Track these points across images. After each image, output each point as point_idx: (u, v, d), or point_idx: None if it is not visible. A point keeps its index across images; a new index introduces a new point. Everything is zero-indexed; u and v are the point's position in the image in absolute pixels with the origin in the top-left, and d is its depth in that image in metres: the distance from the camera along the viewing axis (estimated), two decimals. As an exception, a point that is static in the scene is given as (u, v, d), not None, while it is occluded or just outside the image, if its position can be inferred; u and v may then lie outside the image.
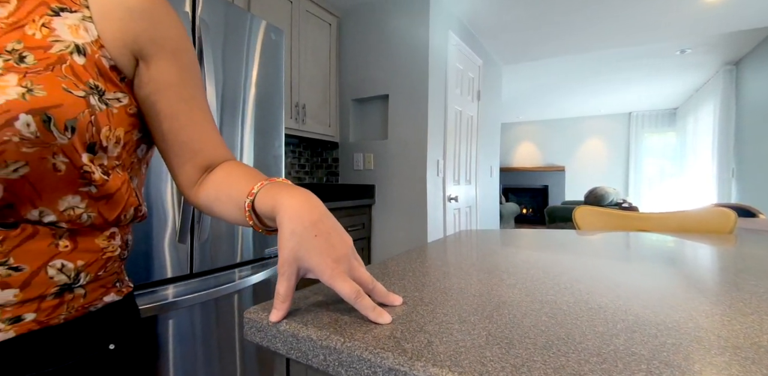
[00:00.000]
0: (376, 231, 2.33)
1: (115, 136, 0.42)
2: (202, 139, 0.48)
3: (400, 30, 2.23)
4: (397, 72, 2.24)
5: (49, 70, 0.37)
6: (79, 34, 0.41)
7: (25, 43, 0.38)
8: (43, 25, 0.39)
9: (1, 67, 0.36)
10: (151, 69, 0.45)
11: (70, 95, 0.37)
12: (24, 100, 0.34)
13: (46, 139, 0.35)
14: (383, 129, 2.38)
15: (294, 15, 2.10)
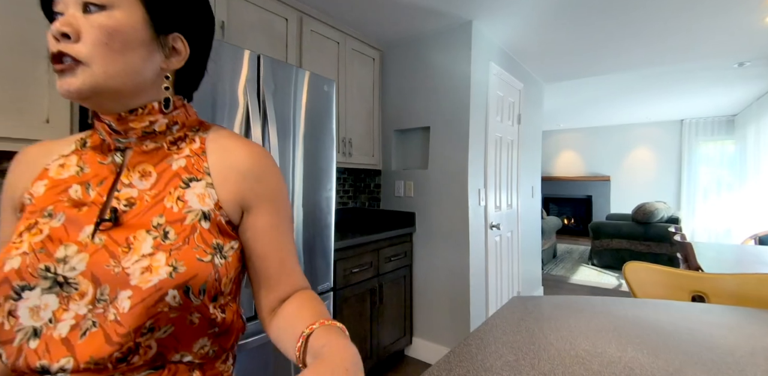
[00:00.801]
0: (417, 259, 2.39)
1: (230, 280, 0.50)
2: (284, 275, 0.55)
3: (442, 64, 2.28)
4: (439, 105, 2.29)
5: (186, 244, 0.47)
6: (205, 201, 0.50)
7: (167, 217, 0.48)
8: (178, 198, 0.50)
9: (152, 245, 0.46)
10: (252, 217, 0.53)
11: (201, 263, 0.46)
12: (171, 278, 0.44)
13: (186, 304, 0.45)
14: (424, 159, 2.44)
15: (341, 54, 2.21)
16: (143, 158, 0.52)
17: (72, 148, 0.55)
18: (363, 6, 1.98)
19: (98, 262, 0.45)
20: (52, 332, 0.44)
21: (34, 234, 0.47)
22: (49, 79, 1.17)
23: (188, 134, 0.55)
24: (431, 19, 2.14)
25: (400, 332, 2.30)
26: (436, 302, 2.32)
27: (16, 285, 0.44)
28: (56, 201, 0.50)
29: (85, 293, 0.44)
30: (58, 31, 0.43)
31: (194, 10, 0.53)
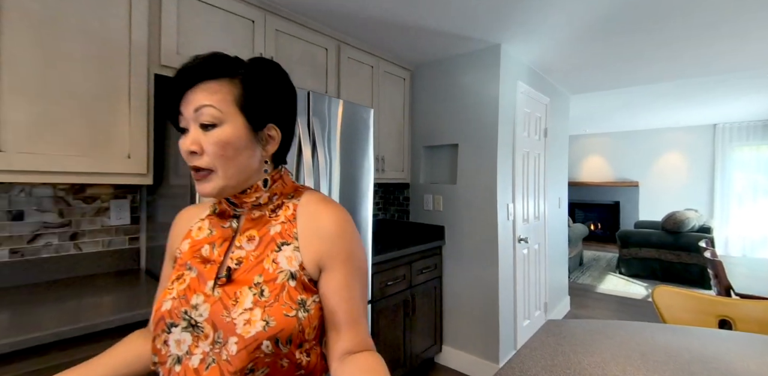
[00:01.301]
0: (447, 271, 2.49)
1: (312, 328, 0.60)
2: (351, 330, 0.61)
3: (470, 84, 2.38)
4: (467, 123, 2.39)
5: (277, 301, 0.57)
6: (292, 263, 0.60)
7: (264, 276, 0.59)
8: (273, 261, 0.61)
9: (252, 301, 0.57)
10: (327, 275, 0.62)
11: (288, 318, 0.56)
12: (265, 331, 0.54)
13: (276, 352, 0.55)
14: (452, 174, 2.53)
15: (375, 77, 2.33)
16: (251, 225, 0.65)
17: (206, 213, 0.70)
18: (395, 33, 2.10)
19: (216, 311, 0.57)
20: (188, 362, 0.57)
21: (180, 283, 0.62)
22: (129, 122, 1.34)
23: (284, 201, 0.67)
24: (460, 43, 2.23)
25: (431, 341, 2.40)
26: (464, 312, 2.41)
27: (168, 322, 0.59)
28: (193, 257, 0.64)
29: (208, 335, 0.57)
30: (188, 150, 0.58)
31: (282, 105, 0.65)
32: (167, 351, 0.59)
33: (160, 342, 0.60)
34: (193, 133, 0.59)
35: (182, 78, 0.58)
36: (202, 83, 0.58)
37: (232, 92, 0.59)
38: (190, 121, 0.59)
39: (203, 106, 0.57)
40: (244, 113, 0.59)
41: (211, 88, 0.58)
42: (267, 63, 0.64)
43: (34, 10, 1.14)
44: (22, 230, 1.37)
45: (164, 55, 1.41)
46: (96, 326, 1.03)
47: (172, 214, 1.44)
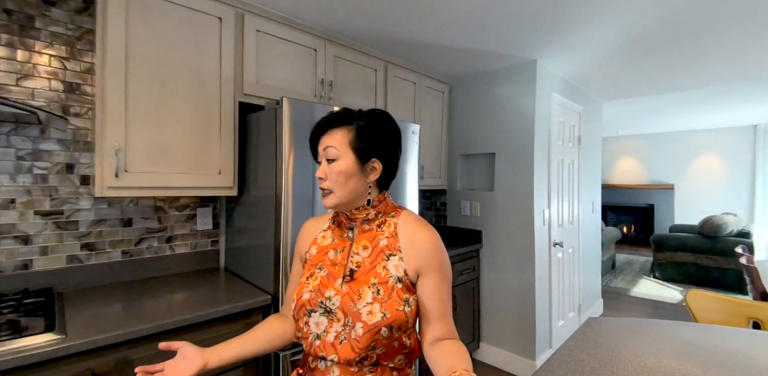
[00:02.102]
0: (484, 273, 2.64)
1: (413, 319, 0.79)
2: (441, 322, 0.79)
3: (507, 96, 2.52)
4: (504, 133, 2.53)
5: (390, 299, 0.76)
6: (399, 270, 0.79)
7: (378, 279, 0.78)
8: (384, 267, 0.80)
9: (371, 297, 0.76)
10: (423, 280, 0.79)
11: (398, 312, 0.75)
12: (382, 320, 0.74)
13: (390, 336, 0.75)
14: (489, 181, 2.68)
15: (417, 92, 2.52)
16: (363, 236, 0.84)
17: (327, 225, 0.91)
18: (436, 52, 2.28)
19: (346, 302, 0.77)
20: (325, 338, 0.78)
21: (314, 280, 0.83)
22: (220, 143, 1.58)
23: (387, 219, 0.85)
24: (497, 59, 2.39)
25: (470, 338, 2.56)
26: (501, 312, 2.55)
27: (308, 309, 0.80)
28: (322, 260, 0.85)
29: (340, 319, 0.77)
30: (318, 177, 0.82)
31: (382, 145, 0.83)
32: (308, 330, 0.80)
33: (303, 323, 0.81)
34: (322, 165, 0.82)
35: (319, 127, 0.83)
36: (330, 130, 0.82)
37: (348, 136, 0.80)
38: (322, 157, 0.82)
39: (328, 147, 0.80)
40: (354, 151, 0.80)
41: (334, 134, 0.81)
42: (375, 113, 0.84)
43: (151, 55, 1.39)
44: (130, 234, 1.63)
45: (246, 85, 1.65)
46: (208, 315, 1.26)
47: (249, 220, 1.67)
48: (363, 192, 0.83)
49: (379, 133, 0.82)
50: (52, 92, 1.43)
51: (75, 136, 1.49)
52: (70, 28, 1.46)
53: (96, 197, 1.53)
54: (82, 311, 1.23)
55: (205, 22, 1.52)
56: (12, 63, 1.35)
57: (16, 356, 0.93)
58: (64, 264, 1.47)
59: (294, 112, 1.43)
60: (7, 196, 1.36)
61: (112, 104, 1.31)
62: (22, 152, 1.38)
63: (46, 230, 1.43)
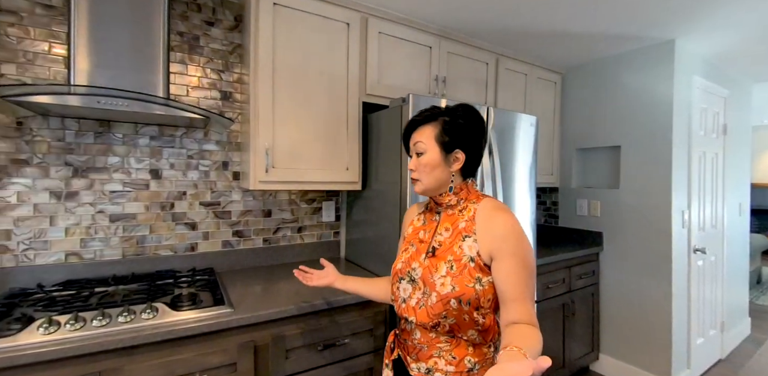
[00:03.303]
0: (605, 279, 2.41)
1: (487, 300, 0.83)
2: (516, 305, 0.79)
3: (635, 83, 2.27)
4: (631, 123, 2.28)
5: (461, 274, 0.83)
6: (472, 250, 0.85)
7: (453, 257, 0.87)
8: (459, 247, 0.87)
9: (445, 271, 0.85)
10: (497, 264, 0.82)
11: (468, 288, 0.82)
12: (452, 292, 0.82)
13: (459, 308, 0.83)
14: (613, 178, 2.44)
15: (528, 84, 2.40)
16: (447, 219, 0.94)
17: (422, 210, 1.05)
18: (549, 41, 2.14)
19: (426, 274, 0.88)
20: (409, 302, 0.91)
21: (406, 253, 0.97)
22: (347, 141, 1.69)
23: (468, 205, 0.92)
24: (623, 42, 2.15)
25: (587, 348, 2.37)
26: (626, 322, 2.31)
27: (399, 276, 0.95)
28: (414, 238, 0.99)
29: (420, 288, 0.89)
30: (410, 168, 0.94)
31: (465, 137, 0.90)
32: (398, 294, 0.95)
33: (395, 287, 0.96)
34: (413, 158, 0.94)
35: (411, 125, 0.95)
36: (420, 127, 0.93)
37: (434, 131, 0.90)
38: (413, 151, 0.94)
39: (417, 142, 0.92)
40: (439, 144, 0.89)
41: (422, 130, 0.92)
42: (458, 108, 0.92)
43: (292, 63, 1.54)
44: (270, 224, 1.83)
45: (369, 86, 1.73)
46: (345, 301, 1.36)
47: (370, 212, 1.76)
48: (447, 180, 0.91)
49: (462, 127, 0.89)
50: (211, 100, 1.67)
51: (228, 138, 1.71)
52: (224, 44, 1.69)
53: (245, 190, 1.75)
54: (239, 289, 1.42)
55: (336, 28, 1.63)
56: (183, 77, 1.61)
57: (200, 323, 1.10)
58: (220, 248, 1.71)
59: (418, 107, 1.46)
60: (181, 189, 1.62)
61: (263, 109, 1.48)
62: (191, 152, 1.63)
63: (207, 218, 1.68)
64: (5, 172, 1.33)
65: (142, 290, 1.34)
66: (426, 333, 0.88)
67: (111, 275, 1.46)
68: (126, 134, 1.51)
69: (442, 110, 0.91)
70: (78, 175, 1.44)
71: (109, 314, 1.08)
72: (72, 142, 1.43)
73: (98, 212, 1.47)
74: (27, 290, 1.29)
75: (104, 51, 1.27)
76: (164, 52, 1.36)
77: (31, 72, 1.36)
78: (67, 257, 1.43)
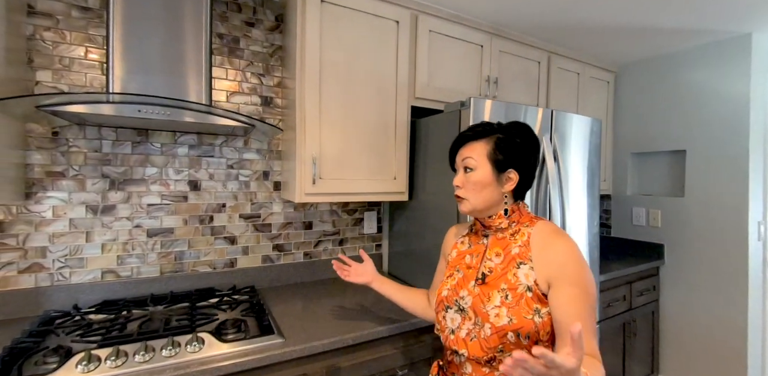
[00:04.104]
0: (666, 295, 2.21)
1: (546, 333, 0.76)
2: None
3: (703, 81, 2.07)
4: (699, 126, 2.08)
5: (518, 305, 0.76)
6: (529, 279, 0.78)
7: (507, 285, 0.80)
8: (514, 274, 0.80)
9: (500, 301, 0.78)
10: (555, 292, 0.75)
11: (527, 320, 0.75)
12: (509, 325, 0.75)
13: (517, 342, 0.75)
14: (676, 185, 2.24)
15: (580, 84, 2.22)
16: (496, 243, 0.87)
17: (466, 232, 0.98)
18: (604, 37, 1.96)
19: (476, 303, 0.82)
20: (459, 333, 0.84)
21: (452, 280, 0.91)
22: (395, 148, 1.55)
23: (521, 229, 0.86)
24: (688, 37, 1.96)
25: (647, 369, 2.17)
26: (691, 343, 2.10)
27: (445, 305, 0.88)
28: (460, 263, 0.92)
29: (471, 318, 0.82)
30: (456, 185, 0.87)
31: (520, 156, 0.85)
32: (445, 324, 0.88)
33: (441, 317, 0.89)
34: (460, 174, 0.88)
35: (460, 139, 0.90)
36: (469, 142, 0.87)
37: (486, 148, 0.84)
38: (459, 166, 0.88)
39: (467, 158, 0.86)
40: (492, 162, 0.84)
41: (473, 146, 0.86)
42: (515, 126, 0.87)
43: (339, 65, 1.42)
44: (310, 237, 1.72)
45: (418, 89, 1.60)
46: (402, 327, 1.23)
47: (418, 225, 1.62)
48: (497, 201, 0.86)
49: (518, 146, 0.85)
50: (252, 106, 1.56)
51: (269, 146, 1.61)
52: (264, 46, 1.58)
53: (286, 201, 1.64)
54: (284, 312, 1.30)
55: (385, 26, 1.51)
56: (222, 81, 1.50)
57: (250, 357, 0.98)
58: (260, 263, 1.60)
59: (480, 111, 1.32)
60: (220, 201, 1.52)
61: (310, 115, 1.36)
62: (231, 161, 1.53)
63: (247, 231, 1.57)
64: (41, 186, 1.25)
65: (183, 313, 1.24)
66: (479, 368, 0.81)
67: (149, 295, 1.37)
68: (164, 143, 1.42)
69: (495, 127, 0.87)
70: (115, 188, 1.35)
71: (152, 347, 0.97)
72: (109, 152, 1.34)
73: (135, 227, 1.38)
74: (63, 312, 1.21)
75: (143, 55, 1.17)
76: (206, 55, 1.26)
77: (68, 79, 1.27)
78: (103, 275, 1.34)
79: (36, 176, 1.25)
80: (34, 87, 1.23)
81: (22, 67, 1.20)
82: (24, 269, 1.24)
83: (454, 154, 0.91)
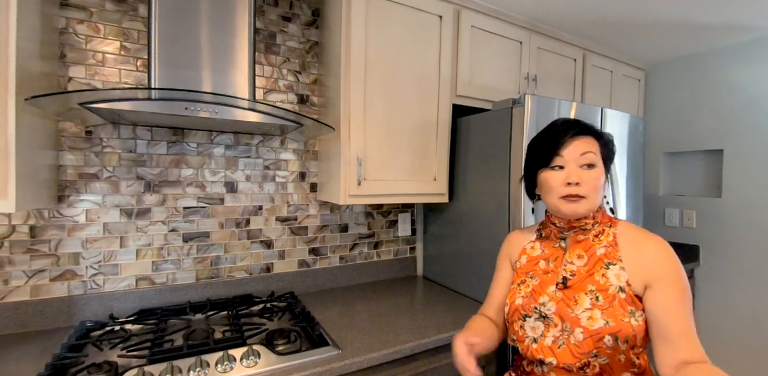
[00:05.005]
0: (702, 299, 2.15)
1: (641, 337, 0.71)
2: (684, 340, 0.67)
3: (743, 79, 2.01)
4: (740, 125, 2.02)
5: (611, 307, 0.72)
6: (620, 279, 0.74)
7: (596, 286, 0.75)
8: (603, 275, 0.76)
9: (590, 303, 0.74)
10: (653, 293, 0.71)
11: (624, 323, 0.70)
12: (606, 327, 0.70)
13: (615, 347, 0.71)
14: (713, 186, 2.18)
15: (613, 82, 2.17)
16: (577, 246, 0.82)
17: (533, 237, 0.93)
18: (637, 32, 1.90)
19: (562, 308, 0.77)
20: (542, 342, 0.78)
21: (525, 287, 0.85)
22: (436, 148, 1.49)
23: (604, 229, 0.82)
24: (727, 33, 1.90)
25: (682, 375, 2.12)
26: (726, 345, 2.05)
27: (522, 313, 0.82)
28: (533, 269, 0.87)
29: (557, 324, 0.77)
30: (572, 182, 0.77)
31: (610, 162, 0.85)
32: (524, 333, 0.81)
33: (518, 326, 0.83)
34: (574, 169, 0.78)
35: (568, 130, 0.80)
36: (583, 136, 0.80)
37: (596, 146, 0.80)
38: (569, 162, 0.78)
39: (587, 152, 0.78)
40: (603, 161, 0.81)
41: (589, 142, 0.80)
42: (606, 133, 0.85)
43: (384, 61, 1.35)
44: (346, 240, 1.65)
45: (460, 86, 1.54)
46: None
47: (451, 226, 1.57)
48: (601, 202, 0.83)
49: (611, 151, 0.85)
50: (288, 105, 1.50)
51: (306, 146, 1.54)
52: (301, 41, 1.52)
53: (322, 203, 1.58)
54: (330, 319, 1.24)
55: (428, 21, 1.44)
56: (260, 79, 1.44)
57: (310, 371, 0.92)
58: (296, 268, 1.54)
59: (537, 109, 1.27)
60: (257, 203, 1.45)
61: (355, 113, 1.30)
62: (267, 162, 1.47)
63: (283, 235, 1.51)
64: (74, 189, 1.18)
65: (227, 323, 1.18)
66: None
67: (186, 303, 1.30)
68: (200, 143, 1.35)
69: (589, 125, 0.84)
70: (150, 190, 1.28)
71: (206, 363, 0.90)
72: (144, 153, 1.27)
73: (171, 231, 1.31)
74: (99, 323, 1.14)
75: (189, 49, 1.10)
76: (251, 50, 1.19)
77: (101, 75, 1.20)
78: (137, 282, 1.27)
79: (69, 178, 1.18)
80: (67, 83, 1.17)
81: (56, 63, 1.14)
82: (56, 277, 1.17)
83: (557, 146, 0.79)
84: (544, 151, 0.81)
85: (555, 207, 0.80)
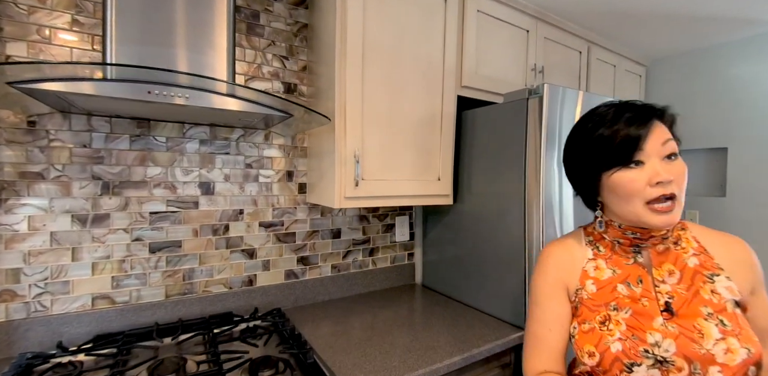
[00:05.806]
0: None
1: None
2: None
3: (746, 76, 1.95)
4: (745, 123, 1.96)
5: (742, 329, 0.57)
6: (733, 292, 0.61)
7: (712, 307, 0.60)
8: (711, 291, 0.61)
9: (719, 331, 0.57)
10: (754, 298, 0.63)
11: (758, 344, 0.57)
12: (749, 357, 0.56)
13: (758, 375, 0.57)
14: (716, 185, 2.12)
15: (616, 76, 2.08)
16: (661, 258, 0.66)
17: (589, 253, 0.72)
18: (640, 24, 1.81)
19: (685, 345, 0.58)
20: None
21: (616, 325, 0.63)
22: (440, 144, 1.34)
23: (679, 234, 0.68)
24: (736, 27, 1.83)
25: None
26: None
27: (627, 363, 0.60)
28: (614, 298, 0.66)
29: (681, 368, 0.58)
30: (667, 179, 0.59)
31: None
32: None
33: None
34: (658, 164, 0.61)
35: (642, 115, 0.62)
36: (657, 120, 0.63)
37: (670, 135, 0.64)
38: (651, 155, 0.61)
39: (669, 140, 0.62)
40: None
41: (662, 126, 0.64)
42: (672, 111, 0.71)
43: (384, 47, 1.19)
44: (338, 247, 1.48)
45: (465, 76, 1.39)
46: (473, 357, 1.02)
47: (454, 230, 1.43)
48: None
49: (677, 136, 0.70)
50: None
51: (294, 141, 1.37)
52: (288, 23, 1.34)
53: (312, 206, 1.40)
54: (322, 340, 1.07)
55: (432, 3, 1.29)
56: (241, 64, 1.26)
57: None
58: (283, 280, 1.36)
59: (557, 100, 1.13)
60: (237, 206, 1.27)
61: (352, 105, 1.13)
62: (249, 160, 1.28)
63: (268, 242, 1.33)
64: (13, 191, 0.98)
65: (201, 350, 0.99)
66: None
67: (153, 324, 1.10)
68: (170, 137, 1.15)
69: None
70: (109, 193, 1.08)
71: (176, 407, 0.72)
72: (101, 148, 1.07)
73: (135, 240, 1.12)
74: (44, 356, 0.94)
75: (149, 22, 0.91)
76: (230, 27, 1.00)
77: (48, 53, 1.00)
78: (94, 302, 1.07)
79: (6, 178, 0.97)
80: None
81: (-13, 37, 0.93)
82: (-10, 298, 0.96)
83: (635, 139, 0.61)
84: (616, 145, 0.62)
85: (636, 217, 0.62)
